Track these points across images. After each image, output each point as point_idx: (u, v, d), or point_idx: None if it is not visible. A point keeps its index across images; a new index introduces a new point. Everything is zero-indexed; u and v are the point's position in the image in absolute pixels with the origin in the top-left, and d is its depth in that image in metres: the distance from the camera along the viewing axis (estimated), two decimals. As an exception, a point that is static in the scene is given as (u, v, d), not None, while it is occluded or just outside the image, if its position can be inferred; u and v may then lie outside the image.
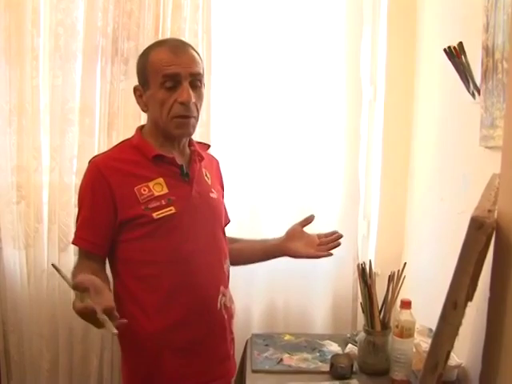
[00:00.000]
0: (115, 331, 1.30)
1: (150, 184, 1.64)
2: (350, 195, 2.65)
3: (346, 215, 2.66)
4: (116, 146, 1.82)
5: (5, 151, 2.53)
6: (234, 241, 1.98)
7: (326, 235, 1.91)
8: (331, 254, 1.88)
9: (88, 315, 1.30)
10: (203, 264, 1.69)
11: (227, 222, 2.00)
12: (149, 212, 1.61)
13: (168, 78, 1.62)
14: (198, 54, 1.73)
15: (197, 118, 1.69)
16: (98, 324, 1.31)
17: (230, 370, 1.85)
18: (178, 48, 1.68)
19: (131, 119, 2.49)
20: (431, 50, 2.29)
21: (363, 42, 2.63)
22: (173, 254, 1.65)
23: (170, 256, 1.65)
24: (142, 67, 1.71)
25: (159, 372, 1.67)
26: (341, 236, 1.90)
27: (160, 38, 2.45)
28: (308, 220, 1.93)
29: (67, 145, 2.54)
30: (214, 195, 1.79)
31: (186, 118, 1.64)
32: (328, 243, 1.88)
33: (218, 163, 1.98)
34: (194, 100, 1.63)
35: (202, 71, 1.69)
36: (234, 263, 1.91)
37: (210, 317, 1.71)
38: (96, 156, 1.79)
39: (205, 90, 1.76)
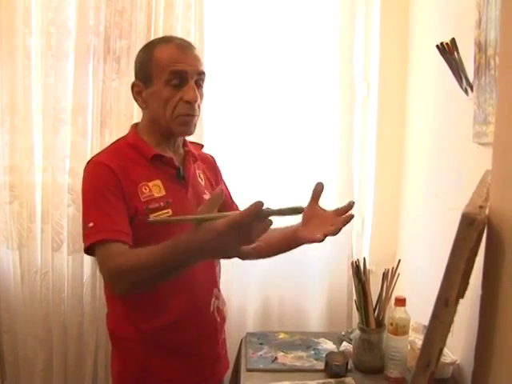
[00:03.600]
0: (303, 206, 1.13)
1: (150, 184, 1.60)
2: (343, 192, 2.65)
3: (341, 212, 2.65)
4: (111, 145, 1.76)
5: (-3, 151, 2.53)
6: None
7: (341, 211, 1.62)
8: (319, 240, 1.57)
9: (259, 217, 1.11)
10: (196, 266, 1.66)
11: None
12: (147, 212, 1.56)
13: (175, 76, 1.58)
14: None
15: (198, 116, 1.66)
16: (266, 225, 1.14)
17: (219, 370, 1.83)
18: (185, 46, 1.65)
19: (124, 118, 2.49)
20: (424, 46, 2.29)
21: (356, 38, 2.63)
22: None
23: None
24: (145, 63, 1.64)
25: (148, 373, 1.66)
26: (352, 204, 1.62)
27: (152, 36, 2.45)
28: (316, 192, 1.67)
29: (60, 144, 2.54)
30: (207, 197, 1.74)
31: (190, 116, 1.61)
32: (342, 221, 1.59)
33: (213, 160, 1.94)
34: (199, 99, 1.61)
35: (204, 70, 1.66)
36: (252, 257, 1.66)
37: (202, 320, 1.69)
38: (95, 155, 1.71)
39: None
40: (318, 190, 1.66)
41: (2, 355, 2.63)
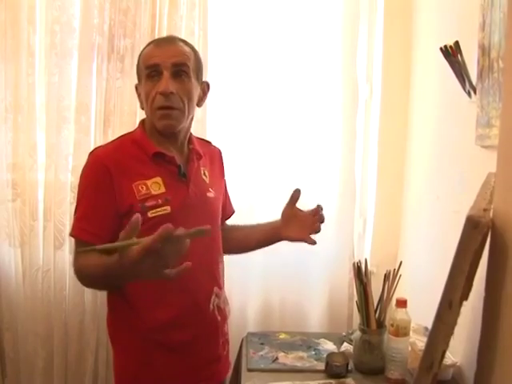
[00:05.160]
0: (208, 226, 1.26)
1: (148, 182, 1.63)
2: (345, 193, 2.66)
3: (342, 213, 2.66)
4: (117, 139, 1.79)
5: (0, 149, 2.53)
6: (233, 229, 2.00)
7: (315, 211, 1.82)
8: (314, 243, 1.81)
9: (169, 242, 1.20)
10: (196, 264, 1.64)
11: (231, 213, 2.04)
12: (144, 210, 1.59)
13: (150, 70, 1.62)
14: (192, 47, 1.72)
15: (182, 111, 1.64)
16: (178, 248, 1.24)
17: (219, 371, 1.83)
18: (163, 41, 1.71)
19: (127, 117, 2.50)
20: (427, 48, 2.29)
21: (359, 40, 2.64)
22: None
23: None
24: (137, 64, 1.73)
25: (147, 371, 1.67)
26: (319, 209, 1.81)
27: (156, 35, 2.46)
28: (294, 197, 1.84)
29: (63, 142, 2.54)
30: (211, 194, 1.77)
31: (167, 109, 1.62)
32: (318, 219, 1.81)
33: (220, 153, 1.97)
34: (172, 90, 1.60)
35: (189, 62, 1.65)
36: (237, 251, 1.99)
37: (201, 318, 1.70)
38: (97, 148, 1.77)
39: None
40: (296, 195, 1.84)
41: (3, 352, 2.63)
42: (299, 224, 1.82)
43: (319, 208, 1.81)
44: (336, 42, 2.61)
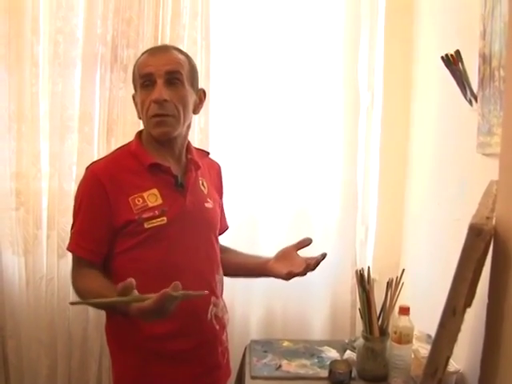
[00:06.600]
0: (206, 291, 1.46)
1: (145, 194, 1.63)
2: (347, 201, 2.66)
3: (344, 221, 2.66)
4: (114, 151, 1.81)
5: (4, 158, 2.54)
6: (225, 251, 1.94)
7: (311, 259, 1.75)
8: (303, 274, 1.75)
9: (168, 302, 1.33)
10: (193, 274, 1.66)
11: (225, 228, 2.01)
12: (141, 221, 1.60)
13: (144, 79, 1.64)
14: (186, 55, 1.73)
15: (177, 118, 1.64)
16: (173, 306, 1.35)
17: (219, 378, 1.82)
18: (157, 50, 1.73)
19: (130, 126, 2.50)
20: (428, 57, 2.30)
21: (361, 48, 2.65)
22: (162, 263, 1.63)
23: (159, 265, 1.62)
24: (132, 73, 1.74)
25: (145, 380, 1.67)
26: (323, 257, 1.75)
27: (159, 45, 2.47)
28: (304, 243, 1.81)
29: (66, 151, 2.55)
30: (209, 205, 1.77)
31: (161, 116, 1.62)
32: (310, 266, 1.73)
33: (219, 168, 1.96)
34: (166, 98, 1.61)
35: (182, 70, 1.65)
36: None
37: (199, 327, 1.70)
38: (93, 163, 1.77)
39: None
40: (305, 243, 1.82)
41: (7, 360, 2.63)
42: (288, 263, 1.78)
43: (321, 256, 1.74)
44: (337, 50, 2.62)
